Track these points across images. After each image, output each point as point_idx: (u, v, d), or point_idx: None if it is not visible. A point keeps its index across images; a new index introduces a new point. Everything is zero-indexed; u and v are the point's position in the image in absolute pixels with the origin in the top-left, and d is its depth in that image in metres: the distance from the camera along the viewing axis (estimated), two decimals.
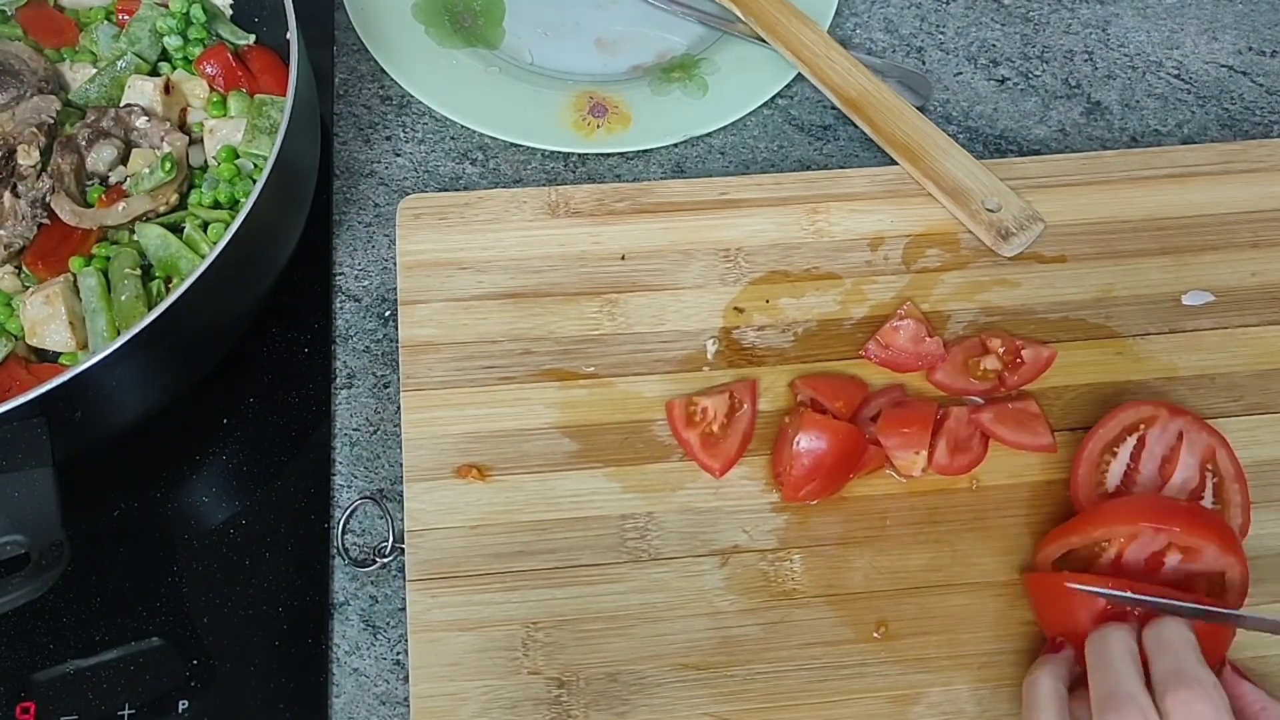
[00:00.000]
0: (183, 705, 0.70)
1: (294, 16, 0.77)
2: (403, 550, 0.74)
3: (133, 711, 0.70)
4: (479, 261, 0.81)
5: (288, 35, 0.77)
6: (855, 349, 0.79)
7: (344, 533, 0.76)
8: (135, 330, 0.65)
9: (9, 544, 0.64)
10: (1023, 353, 0.78)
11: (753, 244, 0.82)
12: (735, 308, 0.80)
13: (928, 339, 0.78)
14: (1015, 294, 0.81)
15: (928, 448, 0.74)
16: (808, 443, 0.72)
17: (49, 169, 0.78)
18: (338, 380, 0.81)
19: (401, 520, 0.75)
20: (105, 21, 0.86)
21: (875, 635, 0.71)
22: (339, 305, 0.84)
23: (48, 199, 0.78)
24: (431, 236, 0.81)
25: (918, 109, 0.89)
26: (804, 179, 0.84)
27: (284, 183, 0.74)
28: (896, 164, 0.86)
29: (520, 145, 0.90)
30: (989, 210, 0.82)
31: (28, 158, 0.79)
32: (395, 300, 0.82)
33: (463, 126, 0.91)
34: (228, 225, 0.70)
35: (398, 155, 0.90)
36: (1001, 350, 0.78)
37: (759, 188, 0.84)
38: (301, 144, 0.78)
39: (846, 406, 0.75)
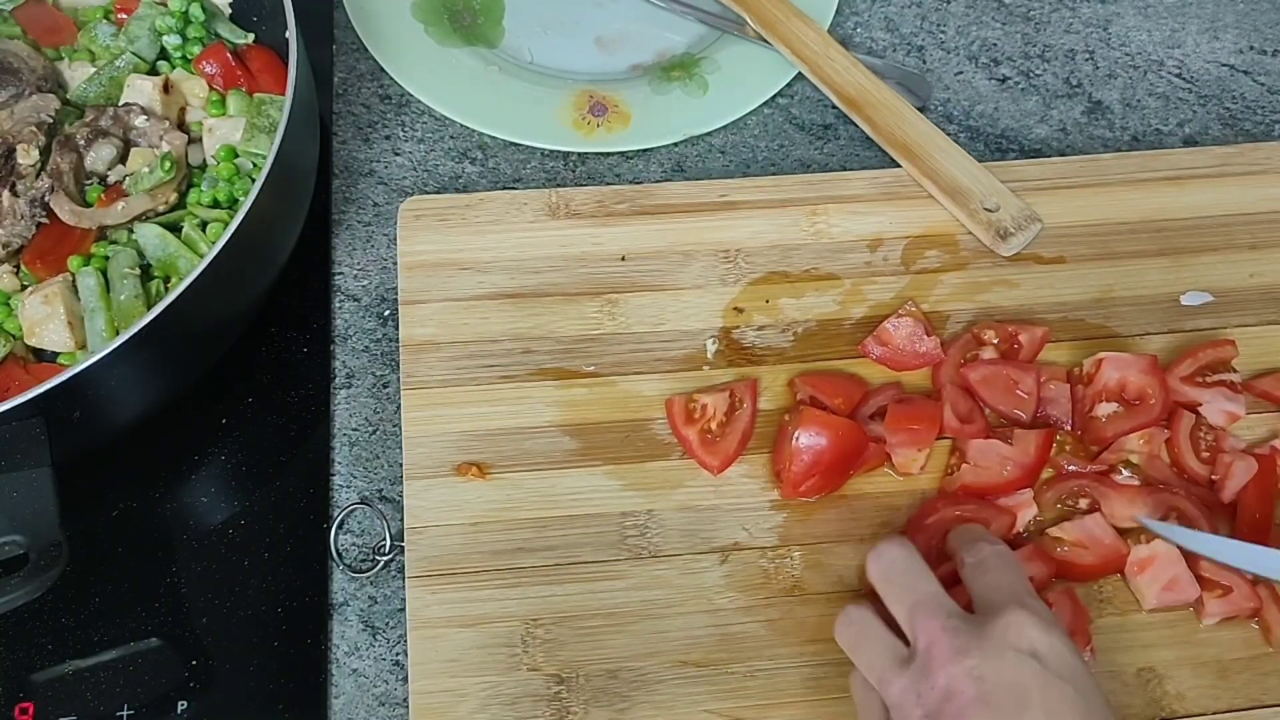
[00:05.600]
0: (181, 706, 0.70)
1: (293, 15, 0.77)
2: (402, 550, 0.73)
3: (132, 712, 0.69)
4: (480, 262, 0.80)
5: (287, 34, 0.77)
6: (855, 349, 0.79)
7: (341, 533, 0.76)
8: (134, 330, 0.65)
9: (7, 544, 0.64)
10: (1019, 337, 0.78)
11: (752, 245, 0.82)
12: (735, 308, 0.80)
13: (926, 338, 0.78)
14: (1014, 294, 0.81)
15: (932, 446, 0.74)
16: (808, 439, 0.72)
17: (48, 168, 0.78)
18: (337, 380, 0.81)
19: (399, 521, 0.75)
20: (104, 20, 0.86)
21: None
22: (338, 305, 0.84)
23: (47, 198, 0.78)
24: (432, 237, 0.81)
25: (917, 109, 0.89)
26: (803, 181, 0.84)
27: (283, 182, 0.74)
28: (895, 166, 0.86)
29: (520, 144, 0.90)
30: (987, 210, 0.82)
31: (27, 157, 0.78)
32: (395, 300, 0.82)
33: (462, 125, 0.91)
34: (227, 225, 0.69)
35: (397, 154, 0.90)
36: (996, 340, 0.78)
37: (758, 190, 0.84)
38: (300, 143, 0.78)
39: (846, 404, 0.76)
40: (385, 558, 0.75)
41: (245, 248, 0.70)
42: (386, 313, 0.83)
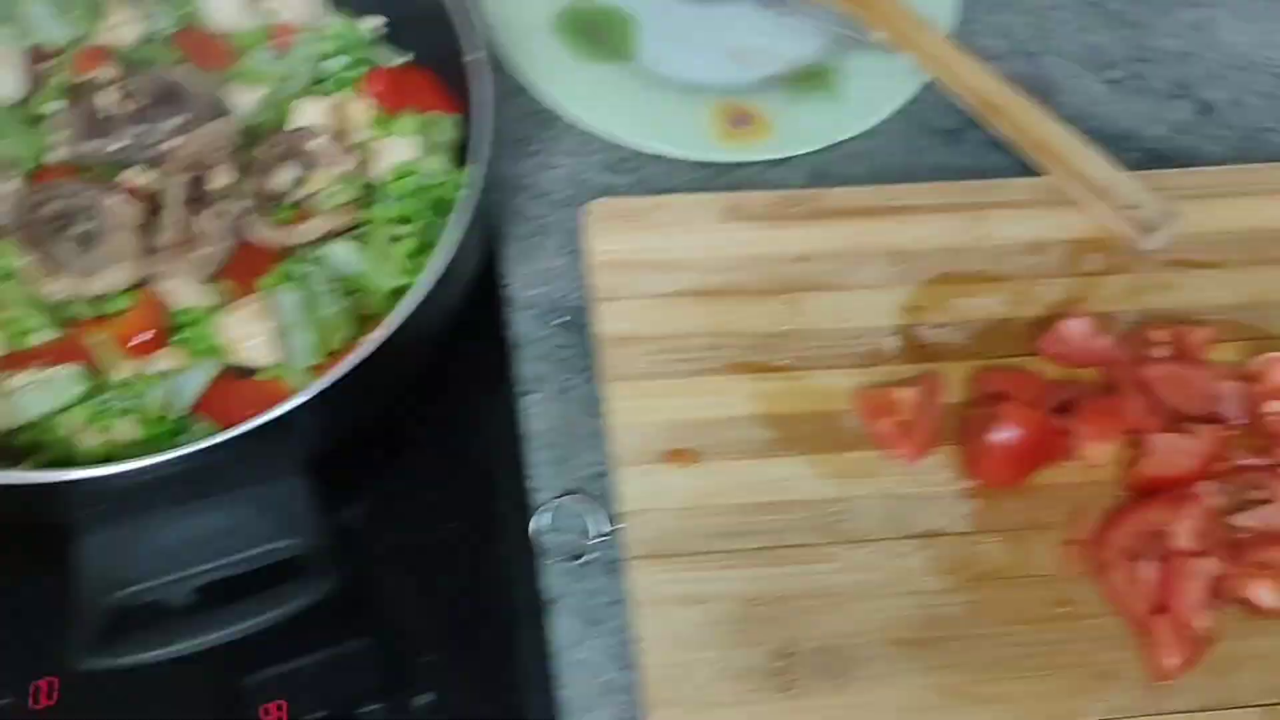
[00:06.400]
0: (422, 700, 0.74)
1: (477, 38, 0.80)
2: (605, 546, 0.77)
3: (376, 706, 0.73)
4: (667, 261, 0.84)
5: (471, 57, 0.80)
6: (1029, 347, 0.83)
7: (544, 533, 0.79)
8: (372, 344, 0.69)
9: (276, 550, 0.67)
10: (1187, 337, 0.82)
11: (922, 248, 0.86)
12: (911, 306, 0.84)
13: (1100, 337, 0.82)
14: (1173, 297, 0.85)
15: (1117, 439, 0.78)
16: (1001, 432, 0.76)
17: (239, 191, 0.81)
18: (523, 386, 0.84)
19: (604, 515, 0.78)
20: (264, 45, 0.88)
21: (1059, 611, 0.75)
22: (513, 315, 0.87)
23: (238, 221, 0.80)
24: (619, 238, 0.84)
25: None
26: (964, 188, 0.88)
27: (482, 203, 0.76)
28: (1043, 173, 0.89)
29: (665, 156, 0.93)
30: (1129, 208, 0.87)
31: (221, 180, 0.81)
32: (566, 306, 0.85)
33: (608, 139, 0.94)
34: (418, 240, 0.74)
35: (548, 169, 0.93)
36: (1166, 340, 0.82)
37: (924, 195, 0.87)
38: (491, 164, 0.80)
39: (1029, 399, 0.79)
40: (591, 555, 0.78)
41: (453, 267, 0.73)
42: (561, 320, 0.86)
